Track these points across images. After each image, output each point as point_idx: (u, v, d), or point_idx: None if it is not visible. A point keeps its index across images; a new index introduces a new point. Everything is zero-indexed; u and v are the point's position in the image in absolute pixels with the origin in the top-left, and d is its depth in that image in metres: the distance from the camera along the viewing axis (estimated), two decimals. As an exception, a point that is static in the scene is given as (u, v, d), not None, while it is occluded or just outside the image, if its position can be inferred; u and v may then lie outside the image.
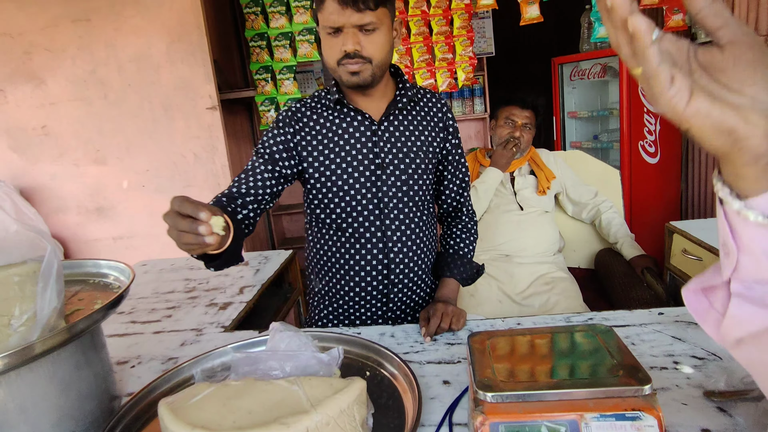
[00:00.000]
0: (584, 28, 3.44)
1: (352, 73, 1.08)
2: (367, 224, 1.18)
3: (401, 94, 1.19)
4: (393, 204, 1.18)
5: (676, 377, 0.85)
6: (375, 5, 1.03)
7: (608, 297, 1.91)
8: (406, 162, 1.18)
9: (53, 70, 2.53)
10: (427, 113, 1.24)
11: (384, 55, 1.09)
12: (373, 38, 1.06)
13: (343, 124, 1.17)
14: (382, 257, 1.20)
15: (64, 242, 2.73)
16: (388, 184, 1.17)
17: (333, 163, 1.16)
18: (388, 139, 1.17)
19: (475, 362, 0.75)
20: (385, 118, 1.18)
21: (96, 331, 0.86)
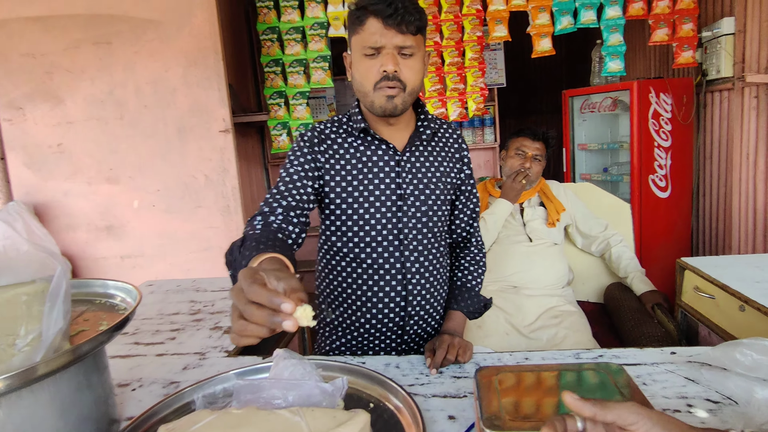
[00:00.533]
0: (595, 62, 3.48)
1: (389, 96, 1.06)
2: (387, 255, 1.16)
3: (424, 125, 1.19)
4: (413, 236, 1.17)
5: (691, 422, 0.81)
6: (416, 30, 1.03)
7: (617, 332, 1.87)
8: (426, 193, 1.17)
9: (72, 90, 2.59)
10: (445, 144, 1.24)
11: (418, 82, 1.09)
12: (410, 63, 1.06)
13: (368, 152, 1.16)
14: (401, 289, 1.18)
15: (73, 259, 2.74)
16: (409, 215, 1.16)
17: (356, 190, 1.14)
18: (410, 170, 1.16)
19: (482, 398, 0.73)
20: (408, 148, 1.17)
21: (99, 353, 0.85)
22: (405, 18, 1.01)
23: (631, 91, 3.00)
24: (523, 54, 4.01)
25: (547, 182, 2.04)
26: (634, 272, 1.93)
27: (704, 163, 3.15)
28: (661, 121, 3.04)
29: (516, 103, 6.16)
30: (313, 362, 1.01)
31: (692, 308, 1.64)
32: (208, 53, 2.60)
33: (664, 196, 3.10)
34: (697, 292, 1.59)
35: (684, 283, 1.69)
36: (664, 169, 3.08)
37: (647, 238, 3.06)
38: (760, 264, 1.58)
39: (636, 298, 1.88)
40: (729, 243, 2.90)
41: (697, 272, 1.58)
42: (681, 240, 3.20)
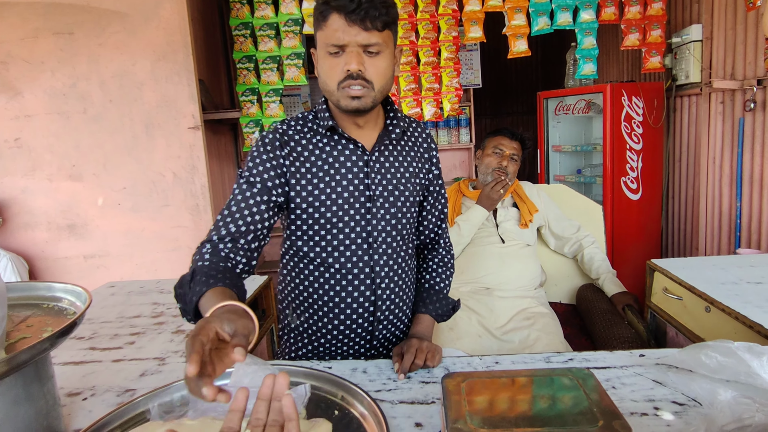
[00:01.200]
0: (570, 65, 3.52)
1: (353, 97, 1.01)
2: (356, 259, 1.11)
3: (393, 124, 1.13)
4: (382, 238, 1.12)
5: (657, 424, 0.81)
6: (383, 26, 0.97)
7: (589, 334, 1.88)
8: (395, 195, 1.12)
9: (30, 82, 2.47)
10: (414, 143, 1.19)
11: (385, 81, 1.03)
12: (376, 61, 1.00)
13: (335, 152, 1.09)
14: (370, 294, 1.13)
15: (32, 259, 2.62)
16: (378, 218, 1.11)
17: (323, 193, 1.07)
18: (378, 171, 1.11)
19: (449, 405, 0.70)
20: (376, 148, 1.11)
21: (42, 361, 0.79)
22: (370, 13, 0.95)
23: (604, 93, 3.04)
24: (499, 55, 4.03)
25: (521, 183, 2.04)
26: (605, 274, 1.95)
27: (673, 166, 3.21)
28: (633, 125, 3.09)
29: (491, 104, 6.21)
30: (276, 368, 0.97)
31: (661, 309, 1.65)
32: (178, 47, 2.52)
33: (636, 198, 3.15)
34: (665, 294, 1.60)
35: (654, 285, 1.70)
36: (635, 172, 3.13)
37: (619, 240, 3.10)
38: (725, 266, 1.61)
39: (607, 299, 1.90)
40: (696, 244, 2.96)
41: (666, 274, 1.59)
42: (651, 241, 3.26)
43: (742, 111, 2.58)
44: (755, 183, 2.54)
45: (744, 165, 2.60)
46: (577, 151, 3.49)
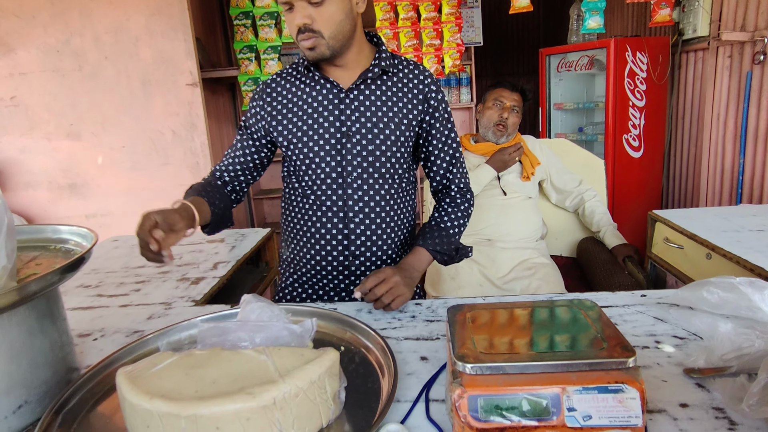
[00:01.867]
0: (573, 20, 3.43)
1: (308, 48, 1.07)
2: (330, 192, 1.17)
3: (373, 63, 1.16)
4: (357, 174, 1.16)
5: (658, 356, 0.83)
6: None
7: (589, 285, 1.90)
8: (374, 132, 1.15)
9: (23, 38, 2.42)
10: (405, 84, 1.19)
11: (336, 25, 1.06)
12: (321, 10, 1.04)
13: (313, 92, 1.16)
14: (342, 227, 1.18)
15: (33, 219, 2.63)
16: (353, 153, 1.15)
17: (300, 130, 1.16)
18: (356, 108, 1.15)
19: (455, 334, 0.71)
20: (354, 86, 1.15)
21: (53, 297, 0.80)
22: None
23: (608, 49, 2.98)
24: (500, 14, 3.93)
25: (523, 137, 2.02)
26: (606, 226, 1.95)
27: (676, 123, 3.18)
28: (637, 81, 3.04)
29: (492, 64, 6.10)
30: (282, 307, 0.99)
31: (661, 259, 1.67)
32: (173, 2, 2.46)
33: (637, 156, 3.13)
34: (666, 243, 1.61)
35: (654, 235, 1.71)
36: (637, 129, 3.10)
37: (620, 196, 3.10)
38: (726, 215, 1.61)
39: (608, 251, 1.91)
40: (697, 201, 2.96)
41: (668, 223, 1.60)
42: (652, 198, 3.26)
43: (751, 64, 2.53)
44: (760, 138, 2.52)
45: (749, 120, 2.57)
46: (579, 108, 3.45)
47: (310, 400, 0.67)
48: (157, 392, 0.64)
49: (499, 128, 1.92)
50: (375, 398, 0.74)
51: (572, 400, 0.61)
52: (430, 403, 0.74)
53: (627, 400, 0.60)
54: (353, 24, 1.10)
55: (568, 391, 0.61)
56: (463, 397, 0.62)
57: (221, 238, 1.73)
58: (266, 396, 0.63)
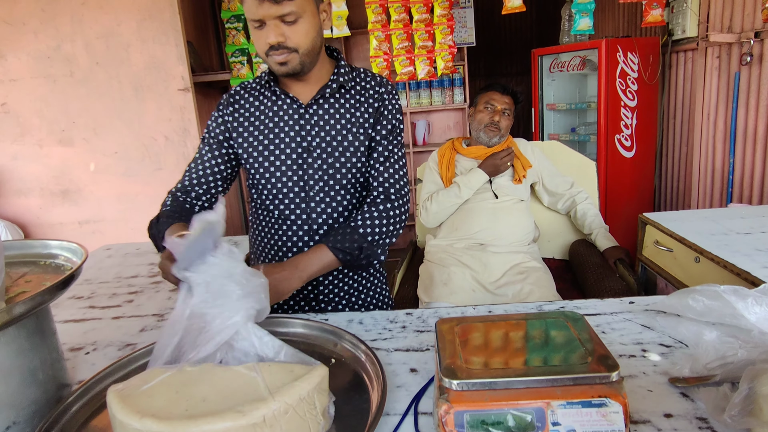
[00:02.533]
0: (565, 20, 3.45)
1: (280, 63, 1.07)
2: (293, 206, 1.17)
3: (332, 79, 1.17)
4: (319, 187, 1.16)
5: (644, 365, 0.84)
6: None
7: (581, 287, 1.92)
8: (333, 145, 1.16)
9: (13, 44, 2.41)
10: (362, 95, 1.19)
11: (310, 42, 1.07)
12: (296, 28, 1.04)
13: (274, 107, 1.17)
14: (308, 239, 1.18)
15: (26, 227, 2.62)
16: (315, 168, 1.16)
17: (261, 144, 1.16)
18: (316, 123, 1.16)
19: (442, 349, 0.72)
20: (314, 101, 1.16)
21: (43, 314, 0.80)
22: None
23: (600, 49, 2.99)
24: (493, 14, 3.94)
25: (515, 140, 2.03)
26: (598, 229, 1.97)
27: (668, 123, 3.20)
28: (628, 81, 3.06)
29: (485, 64, 6.11)
30: (273, 319, 0.99)
31: (652, 261, 1.68)
32: (164, 6, 2.45)
33: (630, 156, 3.15)
34: (656, 246, 1.63)
35: (645, 238, 1.73)
36: (629, 129, 3.12)
37: (612, 197, 3.12)
38: (715, 218, 1.63)
39: (599, 254, 1.92)
40: (689, 200, 2.98)
41: (657, 226, 1.61)
42: (644, 198, 3.28)
43: (738, 65, 2.55)
44: (749, 138, 2.54)
45: (738, 120, 2.59)
46: (572, 109, 3.47)
47: (300, 417, 0.68)
48: (147, 411, 0.65)
49: (491, 130, 1.93)
50: (364, 412, 0.75)
51: (557, 415, 0.62)
52: (419, 416, 0.75)
53: (610, 414, 0.61)
54: (322, 39, 1.12)
55: (552, 406, 0.62)
56: (450, 413, 0.63)
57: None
58: (256, 414, 0.64)
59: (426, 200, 1.95)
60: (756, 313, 0.87)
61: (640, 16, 3.07)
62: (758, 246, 1.35)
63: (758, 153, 2.49)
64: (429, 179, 2.02)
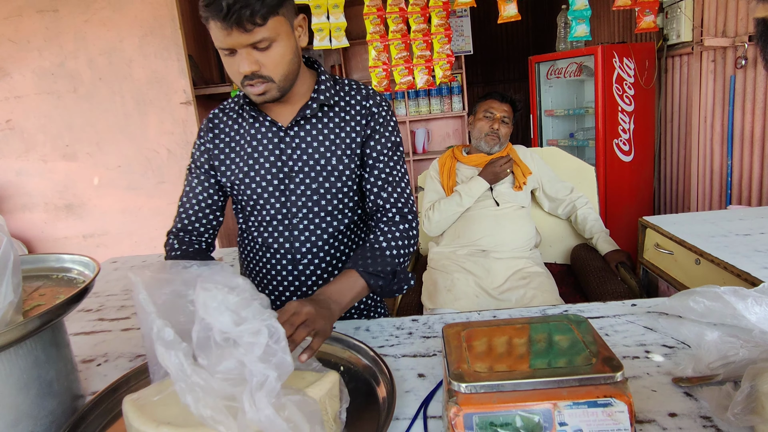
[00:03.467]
0: (561, 28, 3.49)
1: (258, 94, 0.99)
2: (276, 235, 1.12)
3: (312, 98, 1.08)
4: (303, 214, 1.10)
5: (647, 366, 0.85)
6: (263, 19, 0.90)
7: (583, 291, 1.93)
8: (317, 170, 1.08)
9: (18, 62, 2.45)
10: (348, 112, 1.10)
11: (286, 66, 0.99)
12: (270, 54, 0.95)
13: (252, 130, 1.10)
14: (291, 268, 1.13)
15: (30, 241, 2.64)
16: (297, 194, 1.09)
17: (241, 171, 1.10)
18: (297, 146, 1.08)
19: (450, 353, 0.74)
20: (294, 123, 1.08)
21: (57, 327, 0.82)
22: (243, 15, 0.88)
23: (596, 55, 3.03)
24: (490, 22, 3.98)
25: (514, 147, 2.06)
26: (598, 233, 1.98)
27: (665, 127, 3.23)
28: (625, 86, 3.09)
29: (483, 71, 6.16)
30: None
31: (653, 264, 1.70)
32: (165, 22, 2.49)
33: (628, 160, 3.17)
34: (657, 249, 1.65)
35: (645, 241, 1.75)
36: (627, 133, 3.14)
37: (612, 201, 3.14)
38: (715, 220, 1.64)
39: (601, 257, 1.94)
40: (688, 203, 3.00)
41: (658, 230, 1.63)
42: (643, 201, 3.30)
43: (733, 68, 2.58)
44: (746, 140, 2.57)
45: (735, 123, 2.62)
46: (570, 114, 3.50)
47: (312, 422, 0.69)
48: (163, 419, 0.66)
49: (491, 138, 1.96)
50: (374, 417, 0.77)
51: (563, 415, 0.63)
52: (429, 420, 0.77)
53: (616, 413, 0.63)
54: (299, 59, 1.04)
55: (559, 407, 0.64)
56: (459, 416, 0.64)
57: (219, 257, 1.75)
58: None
59: (428, 209, 1.97)
60: (756, 313, 0.89)
61: (634, 21, 3.11)
62: (757, 247, 1.37)
63: (756, 155, 2.51)
64: (430, 188, 2.04)
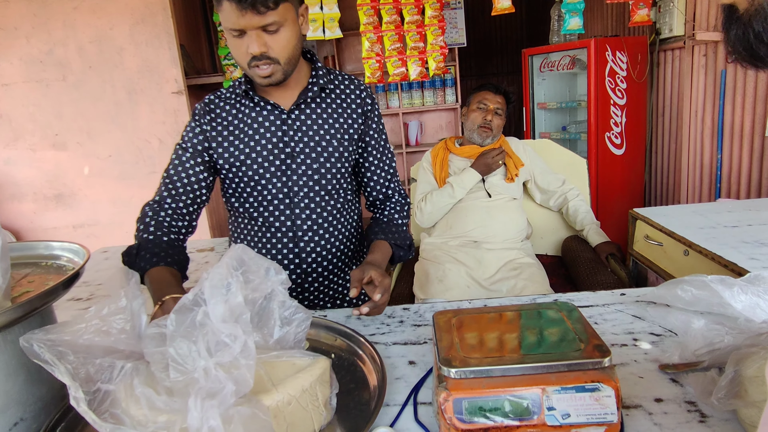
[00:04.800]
0: (554, 20, 3.49)
1: (264, 76, 1.06)
2: (278, 213, 1.17)
3: (312, 82, 1.16)
4: (304, 193, 1.17)
5: (635, 353, 0.86)
6: (275, 4, 0.98)
7: (574, 283, 1.94)
8: (318, 150, 1.16)
9: (5, 49, 2.41)
10: (344, 100, 1.21)
11: (291, 50, 1.06)
12: (278, 38, 1.03)
13: (253, 114, 1.16)
14: (293, 246, 1.18)
15: (19, 232, 2.62)
16: (299, 173, 1.16)
17: (242, 153, 1.14)
18: (299, 128, 1.16)
19: (440, 339, 0.74)
20: (295, 106, 1.16)
21: (46, 313, 0.82)
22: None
23: (589, 48, 3.04)
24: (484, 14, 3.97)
25: (507, 138, 2.06)
26: (589, 225, 2.00)
27: (657, 120, 3.25)
28: (617, 80, 3.10)
29: (477, 64, 6.16)
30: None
31: (642, 256, 1.72)
32: (156, 10, 2.46)
33: (620, 153, 3.19)
34: (647, 240, 1.66)
35: (635, 233, 1.76)
36: (619, 127, 3.16)
37: (603, 193, 3.16)
38: (703, 212, 1.66)
39: (591, 249, 1.96)
40: (678, 196, 3.03)
41: (647, 221, 1.65)
42: (634, 194, 3.33)
43: (725, 63, 2.60)
44: (735, 134, 2.59)
45: (725, 117, 2.64)
46: (562, 107, 3.51)
47: (303, 408, 0.69)
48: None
49: (484, 129, 1.96)
50: (365, 403, 0.77)
51: (551, 400, 0.64)
52: (418, 406, 0.77)
53: (603, 398, 0.64)
54: (301, 46, 1.11)
55: (547, 392, 0.64)
56: (449, 400, 0.65)
57: (211, 246, 1.75)
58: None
59: (420, 201, 1.97)
60: (742, 301, 0.90)
61: (628, 15, 3.12)
62: (744, 238, 1.39)
63: (745, 149, 2.54)
64: (423, 179, 2.05)
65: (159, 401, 0.64)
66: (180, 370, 0.65)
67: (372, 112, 1.23)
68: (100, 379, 0.68)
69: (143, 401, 0.65)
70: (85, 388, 0.65)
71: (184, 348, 0.66)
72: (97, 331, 0.73)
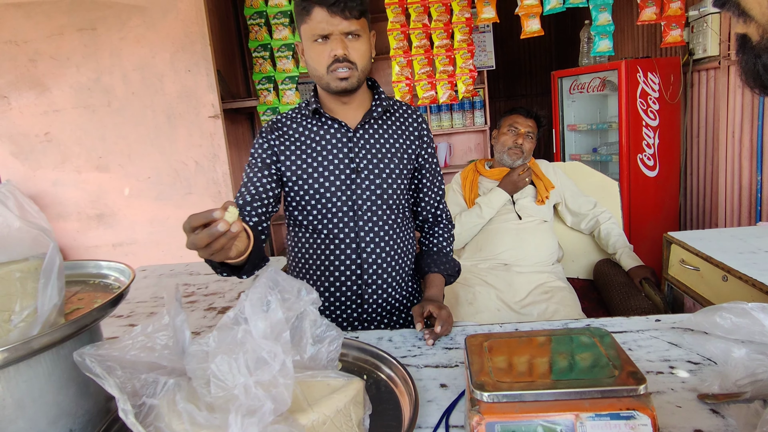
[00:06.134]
0: (584, 43, 3.49)
1: (341, 78, 1.15)
2: (342, 225, 1.23)
3: (376, 104, 1.27)
4: (367, 206, 1.24)
5: (672, 381, 0.85)
6: (359, 14, 1.13)
7: (606, 307, 1.91)
8: (380, 167, 1.24)
9: (57, 78, 2.56)
10: (402, 123, 1.31)
11: (366, 61, 1.18)
12: (357, 45, 1.15)
13: (321, 131, 1.25)
14: (355, 257, 1.24)
15: (63, 249, 2.73)
16: (363, 188, 1.23)
17: (310, 167, 1.23)
18: (363, 146, 1.24)
19: (472, 363, 0.75)
20: (360, 126, 1.25)
21: (95, 330, 0.86)
22: (348, 5, 1.10)
23: (619, 70, 3.02)
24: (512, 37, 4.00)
25: (537, 161, 2.06)
26: (622, 248, 1.97)
27: (691, 142, 3.18)
28: (649, 101, 3.06)
29: (506, 86, 6.17)
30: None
31: (678, 281, 1.68)
32: (195, 38, 2.58)
33: (653, 175, 3.13)
34: (682, 265, 1.63)
35: (671, 257, 1.72)
36: (652, 148, 3.11)
37: (636, 216, 3.10)
38: (742, 236, 1.62)
39: (624, 273, 1.92)
40: (715, 220, 2.94)
41: (683, 245, 1.61)
42: (669, 217, 3.25)
43: (762, 83, 2.54)
44: (775, 156, 2.52)
45: (765, 138, 2.57)
46: (593, 129, 3.48)
47: (337, 428, 0.71)
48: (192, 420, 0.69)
49: (514, 151, 1.96)
50: (397, 425, 0.78)
51: (585, 427, 0.64)
52: (450, 429, 0.77)
53: (639, 426, 0.63)
54: (371, 63, 1.22)
55: (581, 418, 0.64)
56: (481, 424, 0.65)
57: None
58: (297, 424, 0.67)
59: (449, 222, 1.98)
60: (785, 330, 0.87)
61: (659, 36, 3.09)
62: (787, 264, 1.34)
63: (786, 171, 2.46)
64: (452, 201, 2.06)
65: (200, 417, 0.67)
66: (221, 386, 0.67)
67: (427, 135, 1.34)
68: (145, 394, 0.71)
69: (185, 416, 0.67)
70: (131, 402, 0.68)
71: (225, 365, 0.68)
72: (143, 348, 0.76)
